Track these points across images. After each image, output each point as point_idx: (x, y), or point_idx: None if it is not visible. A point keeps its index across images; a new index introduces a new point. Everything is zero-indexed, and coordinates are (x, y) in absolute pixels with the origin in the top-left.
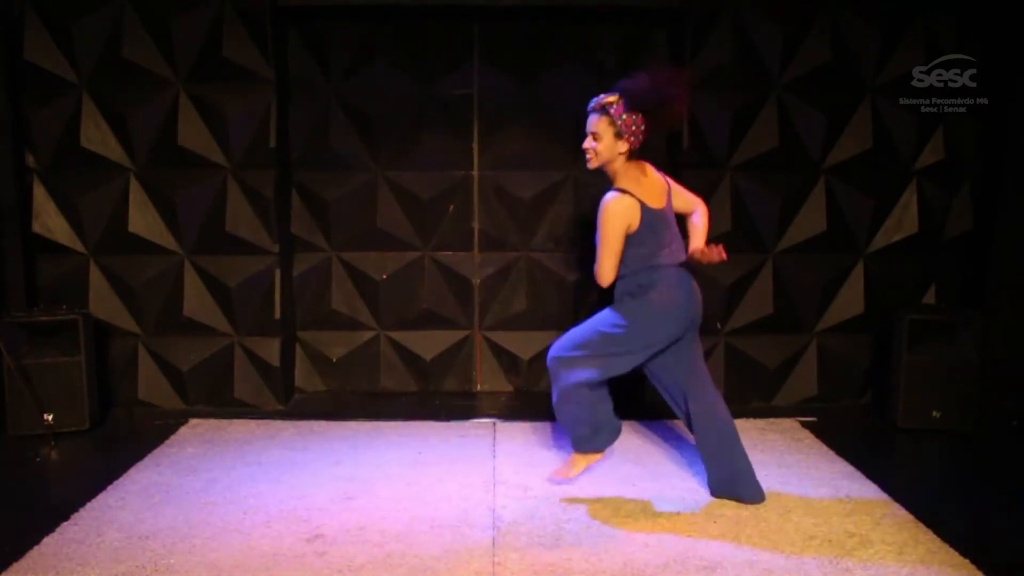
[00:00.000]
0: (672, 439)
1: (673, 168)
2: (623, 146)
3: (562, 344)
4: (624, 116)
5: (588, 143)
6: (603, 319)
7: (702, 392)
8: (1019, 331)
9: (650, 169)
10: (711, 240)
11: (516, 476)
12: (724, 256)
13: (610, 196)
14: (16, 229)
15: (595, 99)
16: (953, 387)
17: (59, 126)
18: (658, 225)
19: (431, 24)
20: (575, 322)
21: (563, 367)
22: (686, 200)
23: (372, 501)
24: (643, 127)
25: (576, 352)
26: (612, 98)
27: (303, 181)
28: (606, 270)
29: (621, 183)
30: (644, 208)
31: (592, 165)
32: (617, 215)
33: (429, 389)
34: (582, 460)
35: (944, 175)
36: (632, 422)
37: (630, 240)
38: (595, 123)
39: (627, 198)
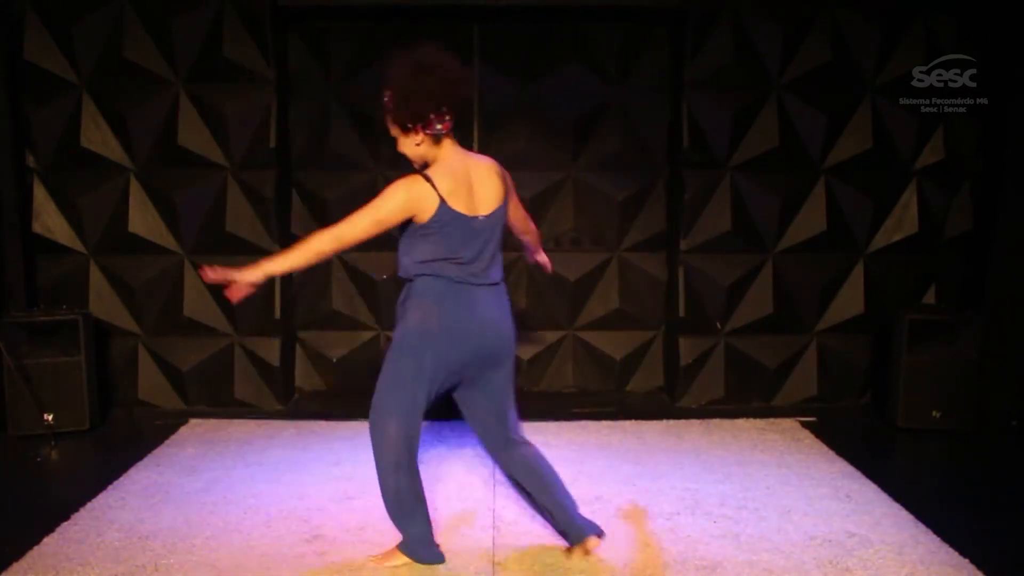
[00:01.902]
0: (671, 439)
1: (673, 168)
2: (416, 137)
3: (374, 407)
4: (399, 110)
5: (397, 147)
6: (394, 362)
7: (515, 443)
8: (1019, 331)
9: (482, 166)
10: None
11: None
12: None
13: (408, 178)
14: (16, 229)
15: None
16: (953, 387)
17: (59, 126)
18: (455, 231)
19: (431, 24)
20: (575, 322)
21: (380, 429)
22: (520, 212)
23: (372, 501)
24: (425, 109)
25: (386, 404)
26: (385, 95)
27: (303, 181)
28: (337, 235)
29: (431, 170)
30: (442, 205)
31: (417, 167)
32: (399, 196)
33: None
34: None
35: (944, 175)
36: (631, 422)
37: (412, 238)
38: (388, 124)
39: (423, 185)
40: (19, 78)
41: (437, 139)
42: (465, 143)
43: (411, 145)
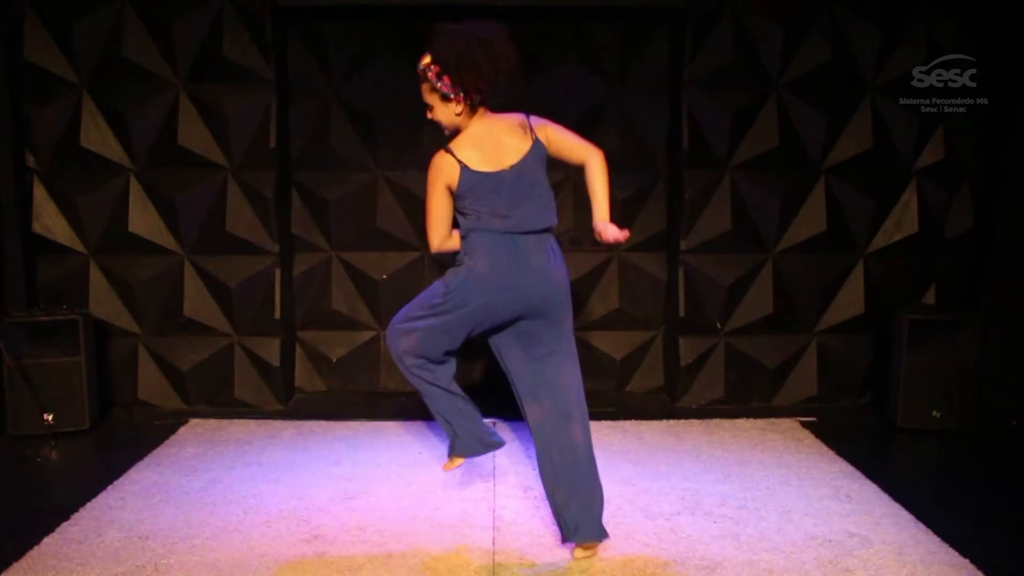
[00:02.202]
0: (671, 439)
1: (673, 168)
2: (456, 107)
3: (395, 317)
4: (443, 77)
5: (428, 114)
6: (430, 289)
7: (551, 403)
8: (1019, 331)
9: (505, 123)
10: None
11: (516, 476)
12: (623, 236)
13: (436, 154)
14: (16, 229)
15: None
16: (953, 387)
17: (59, 126)
18: (486, 189)
19: (431, 24)
20: (575, 322)
21: (391, 339)
22: (571, 150)
23: (372, 501)
24: (467, 81)
25: (403, 324)
26: (425, 59)
27: (303, 181)
28: (428, 232)
29: (454, 142)
30: (464, 170)
31: (447, 132)
32: (432, 173)
33: None
34: (453, 460)
35: (944, 175)
36: (631, 422)
37: (456, 203)
38: (423, 92)
39: (445, 157)
40: (19, 78)
41: (473, 109)
42: None
43: (450, 114)
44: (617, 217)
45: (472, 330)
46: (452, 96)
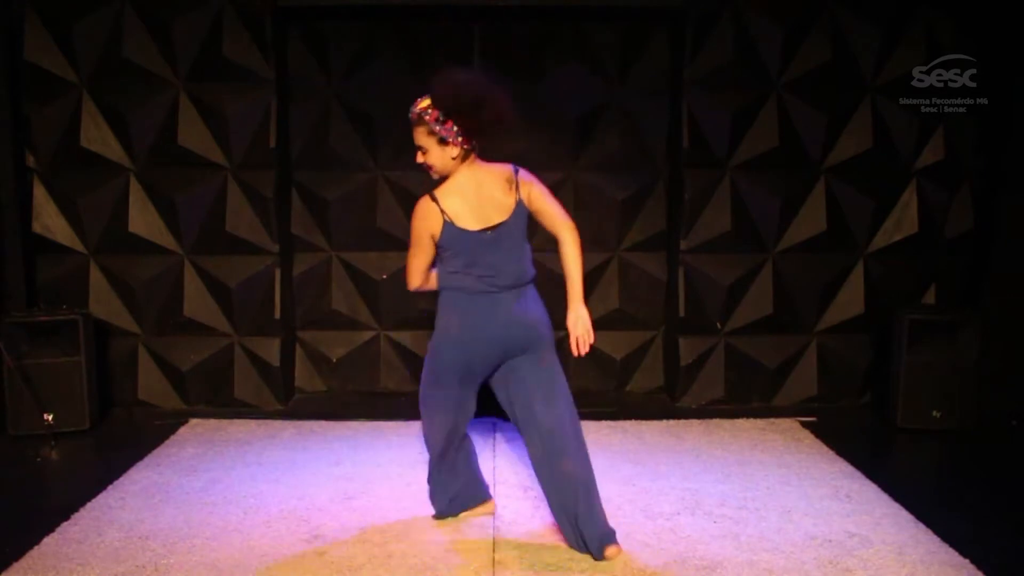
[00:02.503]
0: (671, 439)
1: (673, 168)
2: (453, 151)
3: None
4: (442, 120)
5: (419, 158)
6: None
7: (543, 444)
8: (1019, 331)
9: (493, 176)
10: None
11: (516, 476)
12: (591, 339)
13: (422, 200)
14: (16, 229)
15: (412, 107)
16: (953, 387)
17: (59, 126)
18: (467, 246)
19: (431, 24)
20: None
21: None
22: (550, 219)
23: (372, 501)
24: (468, 127)
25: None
26: (424, 103)
27: (303, 181)
28: (408, 274)
29: (440, 189)
30: (448, 225)
31: (436, 176)
32: (417, 221)
33: None
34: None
35: (944, 175)
36: (631, 422)
37: (439, 250)
38: (417, 135)
39: (431, 207)
40: (19, 78)
41: (467, 155)
42: None
43: (445, 158)
44: (617, 217)
45: (463, 382)
46: (451, 140)
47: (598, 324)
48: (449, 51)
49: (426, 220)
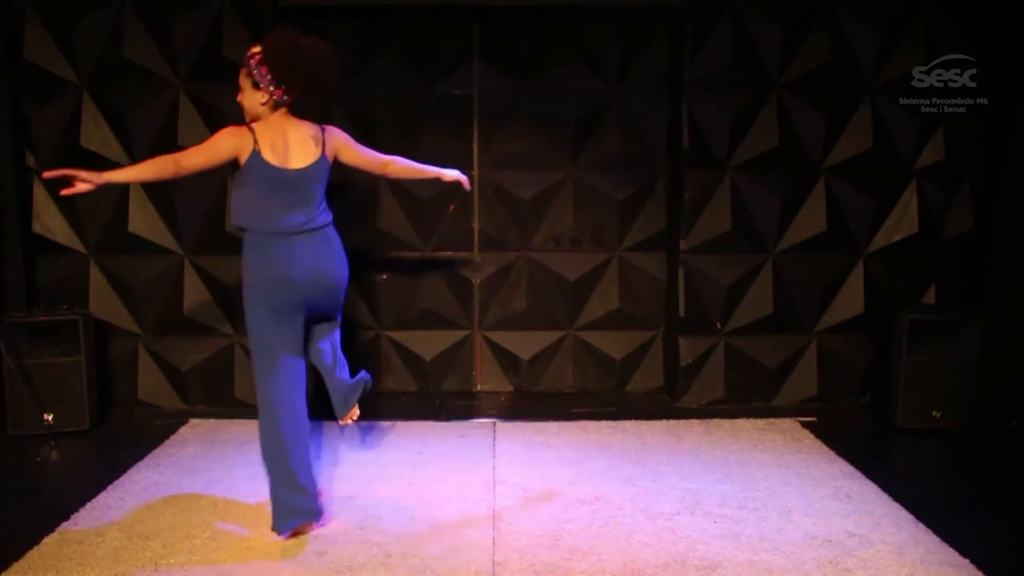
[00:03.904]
0: (671, 439)
1: (673, 168)
2: (262, 96)
3: None
4: (261, 67)
5: (238, 97)
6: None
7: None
8: (1019, 331)
9: (301, 130)
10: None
11: (516, 476)
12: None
13: (236, 125)
14: (16, 229)
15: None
16: (953, 387)
17: (59, 126)
18: (266, 182)
19: (431, 24)
20: (575, 322)
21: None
22: (369, 157)
23: (372, 501)
24: (281, 79)
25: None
26: (255, 48)
27: None
28: (179, 159)
29: (254, 124)
30: (256, 154)
31: (247, 120)
32: (227, 132)
33: (429, 389)
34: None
35: (944, 175)
36: (631, 422)
37: (237, 182)
38: (240, 75)
39: (245, 131)
40: (19, 78)
41: (277, 105)
42: (465, 143)
43: (255, 102)
44: (617, 217)
45: (284, 331)
46: (263, 86)
47: (598, 324)
48: (449, 51)
49: (238, 137)
